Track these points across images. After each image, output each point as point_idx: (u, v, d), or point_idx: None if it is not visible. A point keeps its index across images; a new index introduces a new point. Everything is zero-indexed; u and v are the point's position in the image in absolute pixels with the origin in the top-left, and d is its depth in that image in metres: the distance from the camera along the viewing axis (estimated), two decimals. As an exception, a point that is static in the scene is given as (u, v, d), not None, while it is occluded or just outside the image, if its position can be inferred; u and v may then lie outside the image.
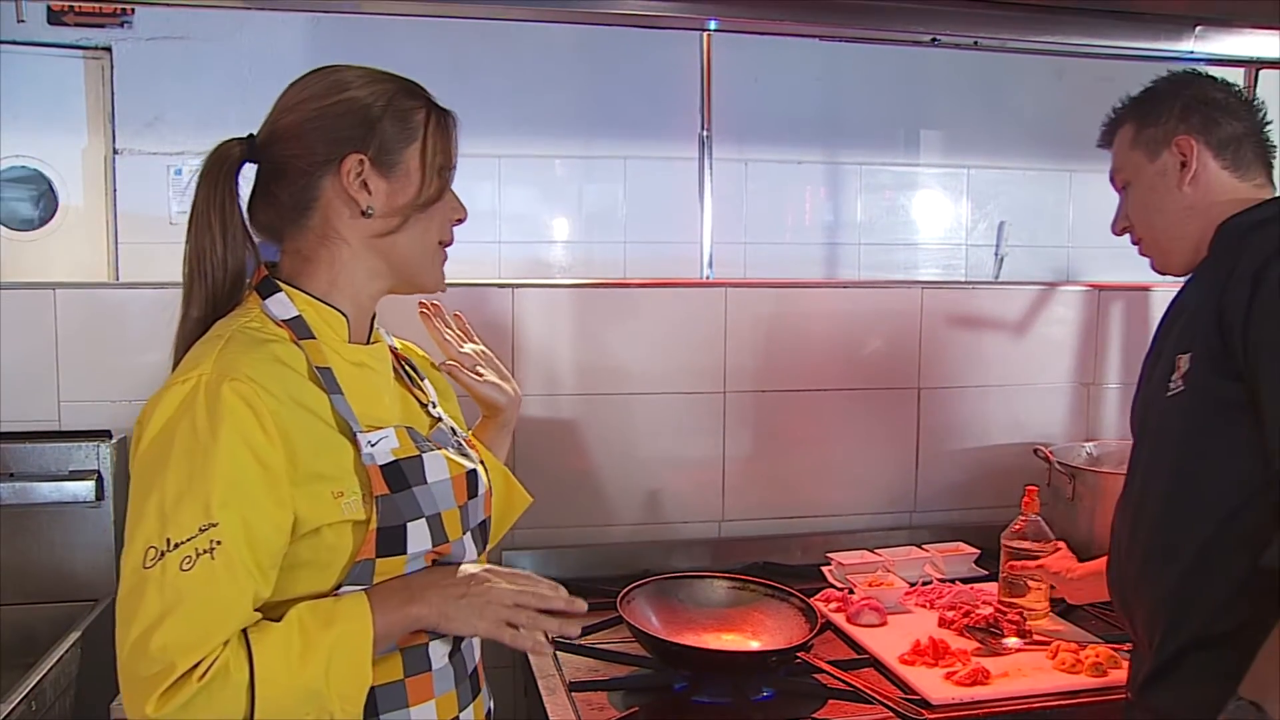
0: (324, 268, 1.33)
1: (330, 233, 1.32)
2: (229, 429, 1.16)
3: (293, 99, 1.32)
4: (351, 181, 1.29)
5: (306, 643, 1.17)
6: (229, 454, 1.15)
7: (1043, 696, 1.84)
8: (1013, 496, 2.28)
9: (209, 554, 1.13)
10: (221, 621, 1.14)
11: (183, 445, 1.15)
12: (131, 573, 1.13)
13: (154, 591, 1.12)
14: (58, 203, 3.38)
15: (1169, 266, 1.68)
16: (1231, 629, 1.46)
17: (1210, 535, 1.49)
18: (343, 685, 1.19)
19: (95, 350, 2.30)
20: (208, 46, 3.32)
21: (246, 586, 1.16)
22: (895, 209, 4.00)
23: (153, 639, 1.10)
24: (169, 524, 1.13)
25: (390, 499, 1.26)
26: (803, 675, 1.93)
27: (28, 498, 2.17)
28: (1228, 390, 1.46)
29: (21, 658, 1.98)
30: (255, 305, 1.31)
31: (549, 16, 2.75)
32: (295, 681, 1.16)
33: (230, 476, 1.15)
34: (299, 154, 1.29)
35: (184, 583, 1.12)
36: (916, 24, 2.64)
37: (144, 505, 1.15)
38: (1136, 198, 1.68)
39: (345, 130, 1.29)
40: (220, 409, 1.16)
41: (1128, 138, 1.69)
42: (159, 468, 1.16)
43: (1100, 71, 3.51)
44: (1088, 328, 2.81)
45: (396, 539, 1.26)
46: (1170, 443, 1.57)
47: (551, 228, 3.73)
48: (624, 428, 2.54)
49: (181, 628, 1.11)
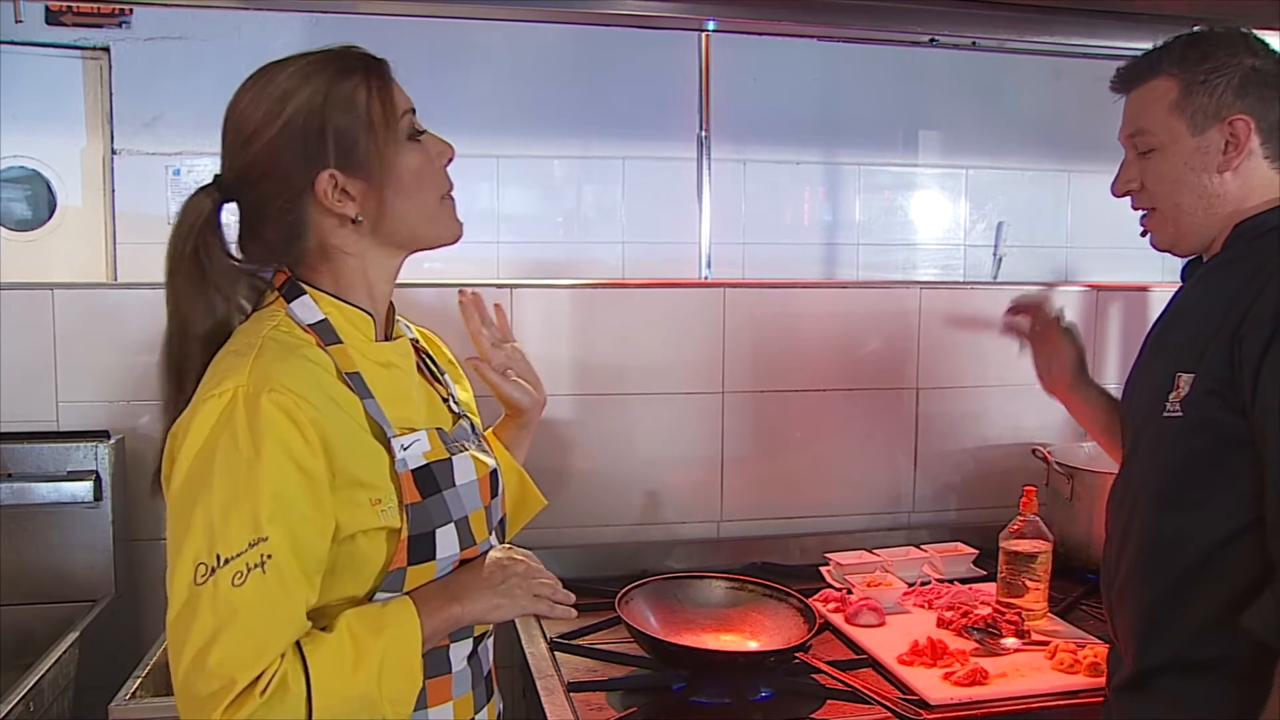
0: (329, 278, 1.32)
1: (329, 249, 1.31)
2: (271, 442, 1.15)
3: (244, 128, 1.27)
4: (331, 199, 1.26)
5: (359, 651, 1.18)
6: (273, 467, 1.14)
7: (1041, 696, 1.84)
8: (1011, 497, 2.28)
9: (260, 568, 1.12)
10: (278, 634, 1.14)
11: (225, 460, 1.14)
12: (182, 591, 1.12)
13: (207, 608, 1.11)
14: (56, 203, 3.38)
15: (1176, 247, 1.57)
16: (1206, 659, 1.44)
17: (1194, 563, 1.44)
18: (394, 689, 1.20)
19: (93, 351, 2.30)
20: (206, 46, 3.32)
21: (299, 596, 1.17)
22: (894, 209, 4.00)
23: (210, 656, 1.10)
24: (218, 540, 1.12)
25: (421, 506, 1.27)
26: (801, 675, 1.93)
27: (26, 498, 2.17)
28: (1230, 423, 1.40)
29: (19, 658, 1.98)
30: (280, 309, 1.29)
31: (548, 16, 2.76)
32: (350, 690, 1.17)
33: (276, 489, 1.14)
34: (273, 191, 1.26)
35: (237, 598, 1.11)
36: (915, 24, 2.64)
37: (189, 521, 1.14)
38: (1162, 168, 1.53)
39: (304, 151, 1.25)
40: (261, 422, 1.15)
41: (1167, 97, 1.50)
42: (202, 484, 1.14)
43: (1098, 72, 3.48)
44: (1086, 328, 2.80)
45: (426, 546, 1.27)
46: (1163, 466, 1.51)
47: (550, 228, 3.72)
48: (622, 428, 2.54)
49: (238, 643, 1.11)
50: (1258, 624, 1.35)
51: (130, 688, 1.82)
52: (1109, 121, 1.70)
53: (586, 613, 2.14)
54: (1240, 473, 1.40)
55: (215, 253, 1.27)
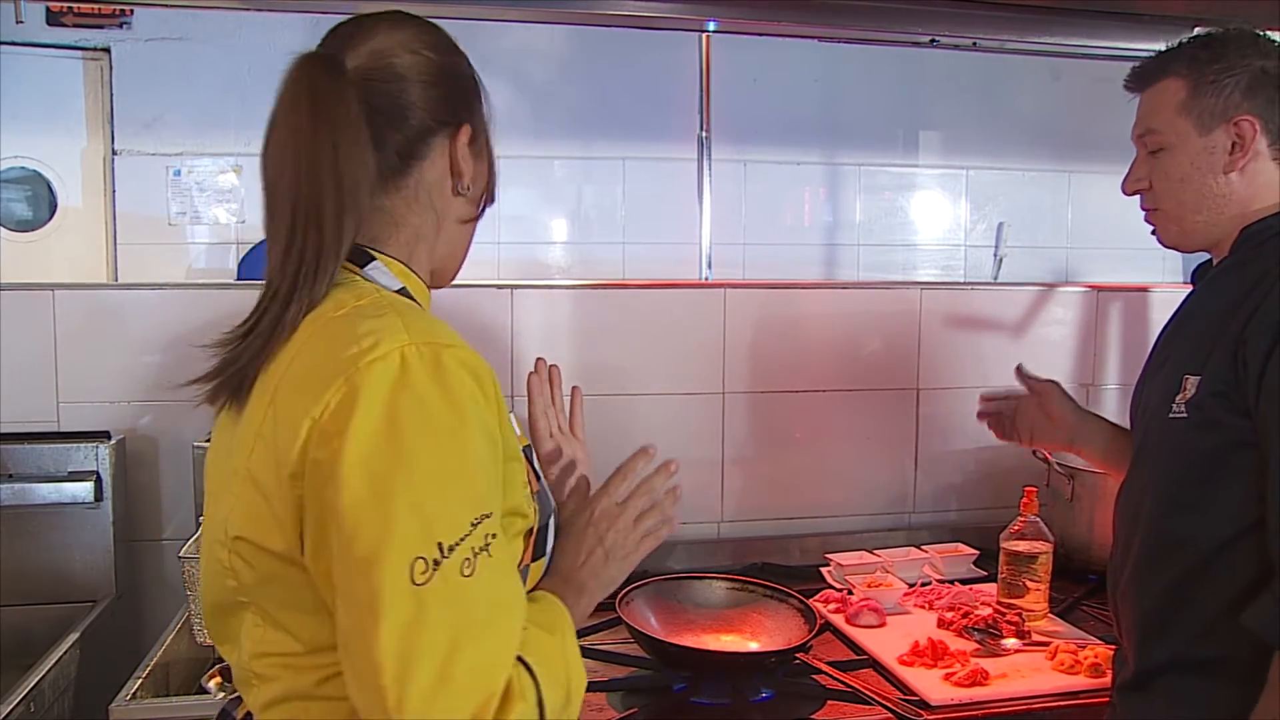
0: (410, 236, 1.16)
1: (423, 200, 1.16)
2: (469, 404, 0.98)
3: (405, 39, 1.14)
4: (464, 152, 1.17)
5: (556, 649, 1.06)
6: (480, 430, 0.99)
7: (1041, 697, 1.84)
8: (1011, 497, 2.28)
9: (485, 551, 0.95)
10: (516, 626, 0.98)
11: (421, 430, 0.95)
12: (401, 597, 0.91)
13: (440, 610, 0.91)
14: (56, 203, 3.38)
15: (1181, 244, 1.57)
16: (1208, 658, 1.45)
17: (1196, 563, 1.45)
18: (579, 682, 1.08)
19: (94, 351, 2.30)
20: (206, 48, 3.32)
21: (519, 579, 1.06)
22: (894, 210, 4.00)
23: (457, 668, 0.91)
24: (435, 526, 0.93)
25: (542, 494, 1.16)
26: (802, 676, 1.93)
27: (26, 499, 2.17)
28: (1234, 425, 1.41)
29: (20, 659, 1.98)
30: (354, 277, 1.12)
31: (548, 17, 2.75)
32: (555, 694, 1.01)
33: (484, 456, 0.99)
34: (423, 103, 1.13)
35: (474, 591, 0.94)
36: (915, 25, 2.64)
37: (391, 512, 0.92)
38: (1169, 168, 1.52)
39: (467, 96, 1.18)
40: (451, 381, 0.97)
41: (1176, 98, 1.50)
42: (396, 464, 0.94)
43: (1098, 72, 3.49)
44: (1086, 329, 2.81)
45: (543, 540, 1.16)
46: (1168, 466, 1.51)
47: (550, 229, 3.73)
48: (623, 428, 2.53)
49: (485, 644, 0.94)
50: (1257, 623, 1.36)
51: (131, 688, 1.82)
52: (1109, 122, 1.70)
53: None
54: (1244, 474, 1.41)
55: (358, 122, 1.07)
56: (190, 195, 3.31)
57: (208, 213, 3.35)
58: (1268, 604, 1.35)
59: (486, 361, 1.04)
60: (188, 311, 2.33)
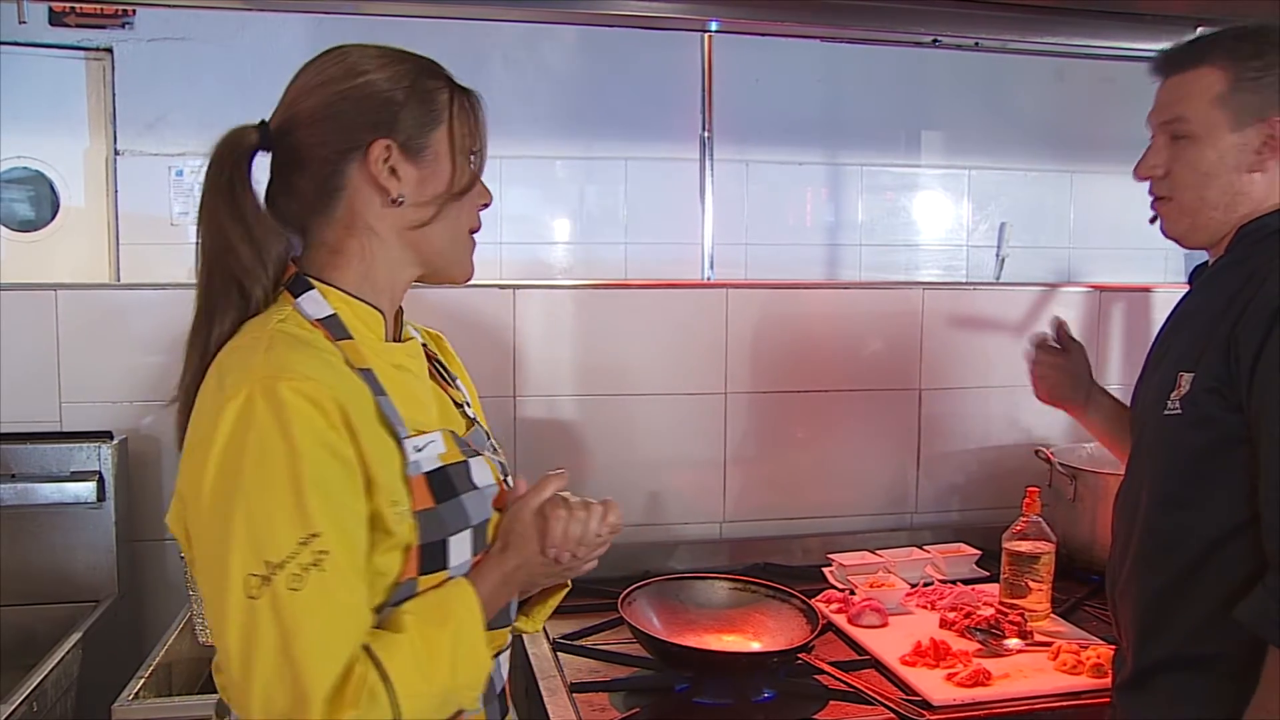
0: (354, 260, 1.25)
1: (358, 223, 1.24)
2: (301, 430, 1.07)
3: (309, 82, 1.25)
4: (380, 169, 1.22)
5: (430, 647, 1.14)
6: (310, 457, 1.07)
7: (1044, 698, 1.84)
8: (1014, 497, 2.28)
9: (316, 566, 1.05)
10: (346, 635, 1.08)
11: (256, 459, 1.06)
12: (237, 609, 1.04)
13: (268, 621, 1.04)
14: (59, 204, 3.38)
15: (1187, 238, 1.55)
16: (1206, 654, 1.45)
17: (1193, 559, 1.45)
18: (468, 677, 1.18)
19: (96, 351, 2.30)
20: (209, 48, 3.32)
21: (361, 591, 1.11)
22: (896, 210, 4.00)
23: (283, 671, 1.04)
24: (264, 546, 1.05)
25: (434, 512, 1.19)
26: (804, 676, 1.93)
27: (29, 499, 2.17)
28: (1228, 421, 1.41)
29: (22, 659, 1.98)
30: (288, 304, 1.22)
31: (550, 17, 2.76)
32: (430, 688, 1.13)
33: (317, 480, 1.07)
34: (322, 140, 1.22)
35: (299, 604, 1.04)
36: (918, 25, 2.64)
37: (228, 533, 1.05)
38: (1195, 159, 1.49)
39: (369, 115, 1.22)
40: (285, 412, 1.07)
41: (1213, 88, 1.46)
42: (235, 490, 1.06)
43: (1101, 72, 3.52)
44: (1089, 329, 2.81)
45: (438, 555, 1.20)
46: (1163, 463, 1.51)
47: (552, 229, 3.73)
48: (625, 429, 2.54)
49: (309, 651, 1.04)
50: (1250, 617, 1.36)
51: (133, 688, 1.82)
52: (1112, 122, 1.70)
53: (589, 613, 2.15)
54: (1238, 470, 1.41)
55: (248, 189, 1.20)
56: (193, 195, 3.30)
57: (210, 213, 3.35)
58: (1261, 598, 1.35)
59: (347, 387, 1.14)
60: (190, 311, 2.31)
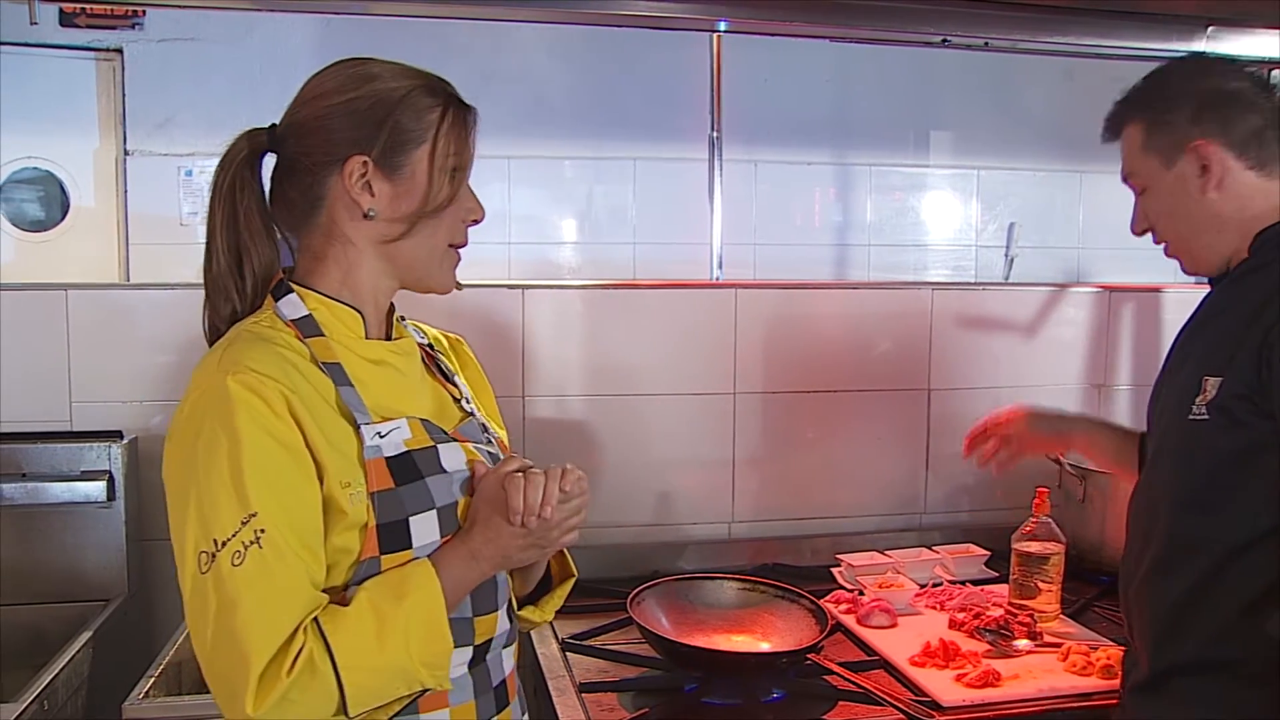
0: (334, 266, 1.32)
1: (336, 232, 1.31)
2: (243, 419, 1.16)
3: (310, 92, 1.31)
4: (354, 184, 1.28)
5: (381, 621, 1.18)
6: (250, 443, 1.16)
7: (1054, 699, 1.84)
8: (1023, 498, 2.27)
9: (255, 544, 1.14)
10: (286, 607, 1.15)
11: (205, 447, 1.16)
12: (189, 582, 1.16)
13: (213, 593, 1.13)
14: (69, 204, 3.39)
15: (1201, 270, 1.59)
16: (1222, 660, 1.44)
17: (1212, 565, 1.45)
18: (425, 654, 1.21)
19: (106, 351, 2.31)
20: (218, 48, 3.33)
21: (299, 569, 1.17)
22: (905, 210, 3.99)
23: (222, 638, 1.13)
24: (211, 525, 1.15)
25: (393, 493, 1.25)
26: (813, 677, 1.92)
27: (39, 498, 2.18)
28: (1258, 427, 1.40)
29: (33, 658, 1.99)
30: (269, 307, 1.31)
31: (559, 17, 2.76)
32: (378, 661, 1.18)
33: (257, 464, 1.16)
34: (307, 151, 1.29)
35: (239, 577, 1.13)
36: (927, 25, 2.64)
37: (184, 515, 1.17)
38: (1154, 206, 1.58)
39: (352, 130, 1.27)
40: (230, 404, 1.16)
41: (1137, 140, 1.58)
42: (188, 476, 1.18)
43: (1111, 72, 3.48)
44: (1099, 329, 2.80)
45: (400, 534, 1.25)
46: (1187, 468, 1.51)
47: (561, 229, 3.72)
48: (634, 429, 2.54)
49: (248, 620, 1.12)
50: None
51: (144, 686, 1.83)
52: (1122, 122, 1.70)
53: (598, 613, 2.15)
54: (1265, 476, 1.40)
55: (249, 192, 1.30)
56: (202, 195, 3.31)
57: (219, 213, 3.36)
58: None
59: (300, 379, 1.22)
60: (199, 311, 2.30)
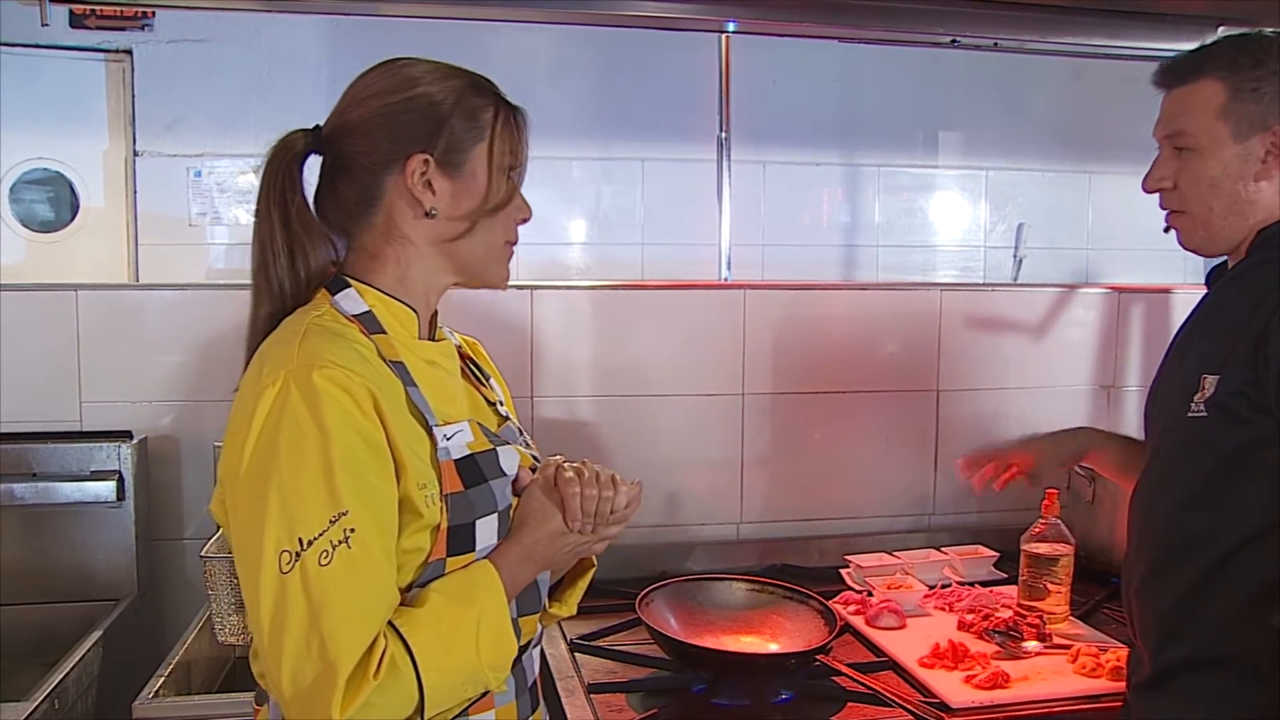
0: (391, 265, 1.32)
1: (395, 231, 1.31)
2: (332, 415, 1.14)
3: (361, 92, 1.31)
4: (415, 182, 1.28)
5: (455, 624, 1.19)
6: (340, 440, 1.14)
7: (1063, 700, 1.83)
8: (1032, 499, 2.26)
9: (345, 544, 1.12)
10: (375, 609, 1.14)
11: (290, 442, 1.13)
12: (270, 583, 1.11)
13: (299, 594, 1.10)
14: (78, 204, 3.40)
15: (1205, 249, 1.56)
16: (1225, 655, 1.44)
17: (1213, 562, 1.44)
18: (492, 657, 1.22)
19: (116, 351, 2.32)
20: (227, 49, 3.33)
21: (387, 569, 1.17)
22: (913, 211, 3.98)
23: (312, 642, 1.10)
24: (297, 523, 1.12)
25: (464, 495, 1.25)
26: (821, 678, 1.92)
27: (49, 497, 2.19)
28: (1255, 424, 1.40)
29: (43, 656, 2.00)
30: (325, 301, 1.29)
31: (566, 18, 2.76)
32: (454, 664, 1.18)
33: (347, 462, 1.14)
34: (364, 150, 1.29)
35: (328, 578, 1.11)
36: (936, 25, 2.64)
37: (264, 512, 1.13)
38: (1200, 171, 1.50)
39: (412, 129, 1.28)
40: (318, 399, 1.14)
41: (1214, 101, 1.47)
42: (271, 471, 1.13)
43: (1119, 72, 3.49)
44: (1107, 330, 2.79)
45: (466, 537, 1.25)
46: (1186, 466, 1.50)
47: (569, 229, 3.72)
48: (642, 429, 2.54)
49: (337, 623, 1.11)
50: None
51: (153, 686, 1.83)
52: (1130, 122, 1.69)
53: (607, 614, 2.15)
54: (1264, 472, 1.40)
55: (298, 194, 1.28)
56: (211, 196, 3.32)
57: (228, 213, 3.35)
58: None
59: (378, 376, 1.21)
60: (208, 311, 2.34)
